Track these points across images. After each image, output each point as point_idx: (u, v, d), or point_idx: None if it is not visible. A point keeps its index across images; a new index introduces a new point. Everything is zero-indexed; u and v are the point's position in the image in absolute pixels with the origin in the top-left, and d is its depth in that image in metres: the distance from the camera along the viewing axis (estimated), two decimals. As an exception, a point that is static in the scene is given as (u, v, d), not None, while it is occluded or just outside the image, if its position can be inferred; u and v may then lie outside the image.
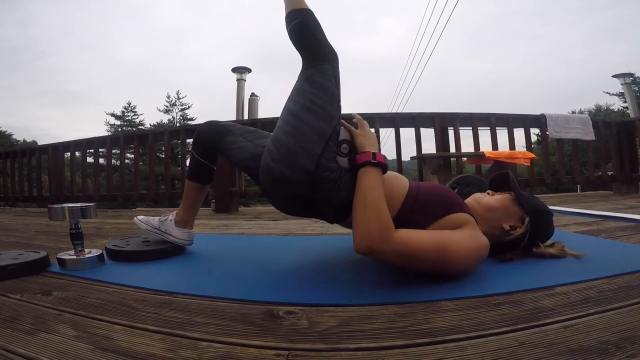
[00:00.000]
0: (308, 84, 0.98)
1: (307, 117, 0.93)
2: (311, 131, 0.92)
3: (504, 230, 1.03)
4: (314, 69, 0.99)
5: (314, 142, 0.91)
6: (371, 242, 0.79)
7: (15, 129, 47.15)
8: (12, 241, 1.74)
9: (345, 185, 0.92)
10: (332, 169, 0.91)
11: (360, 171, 0.90)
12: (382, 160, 0.91)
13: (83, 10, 59.11)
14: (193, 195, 1.27)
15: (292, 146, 0.91)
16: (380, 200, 0.84)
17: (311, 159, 0.90)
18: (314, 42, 1.02)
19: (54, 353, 0.57)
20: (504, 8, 75.56)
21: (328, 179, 0.91)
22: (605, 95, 33.45)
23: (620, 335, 0.57)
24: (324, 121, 0.93)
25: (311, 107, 0.94)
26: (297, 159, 0.90)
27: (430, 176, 2.70)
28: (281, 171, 0.91)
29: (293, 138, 0.92)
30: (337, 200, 0.93)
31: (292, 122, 0.94)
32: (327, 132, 0.93)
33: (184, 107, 28.29)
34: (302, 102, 0.96)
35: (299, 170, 0.90)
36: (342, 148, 0.94)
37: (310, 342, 0.59)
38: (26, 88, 51.90)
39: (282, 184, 0.93)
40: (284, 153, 0.92)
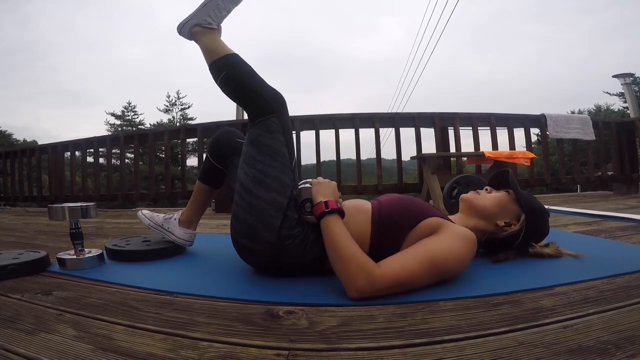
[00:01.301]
0: (255, 150, 0.94)
1: (259, 191, 0.91)
2: (265, 205, 0.90)
3: (498, 227, 1.03)
4: (259, 127, 0.95)
5: (272, 216, 0.89)
6: (361, 290, 0.76)
7: (15, 129, 47.22)
8: (12, 241, 1.74)
9: (312, 245, 0.91)
10: (294, 236, 0.90)
11: (321, 224, 0.87)
12: (335, 207, 0.87)
13: (83, 10, 59.11)
14: (201, 197, 1.28)
15: (250, 222, 0.91)
16: (350, 245, 0.81)
17: (271, 232, 0.89)
18: (249, 95, 0.96)
19: (54, 353, 0.57)
20: (505, 8, 75.52)
21: (292, 245, 0.90)
22: (605, 95, 33.48)
23: (620, 335, 0.57)
24: (278, 192, 0.91)
25: (262, 179, 0.91)
26: (258, 233, 0.90)
27: (430, 176, 2.70)
28: (245, 243, 0.93)
29: (250, 215, 0.91)
30: (308, 259, 0.92)
31: (246, 197, 0.92)
32: (283, 203, 0.91)
33: (184, 107, 28.33)
34: (253, 173, 0.93)
35: (262, 243, 0.90)
36: (306, 207, 0.92)
37: (310, 342, 0.59)
38: (26, 88, 51.96)
39: (249, 254, 0.95)
40: (244, 229, 0.92)
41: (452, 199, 1.59)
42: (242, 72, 0.98)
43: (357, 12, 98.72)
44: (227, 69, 0.98)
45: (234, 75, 0.98)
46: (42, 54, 54.77)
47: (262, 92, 0.96)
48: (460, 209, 1.10)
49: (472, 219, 1.05)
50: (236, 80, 0.98)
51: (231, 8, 1.06)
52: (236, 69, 0.98)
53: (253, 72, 0.98)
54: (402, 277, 0.78)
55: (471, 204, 1.07)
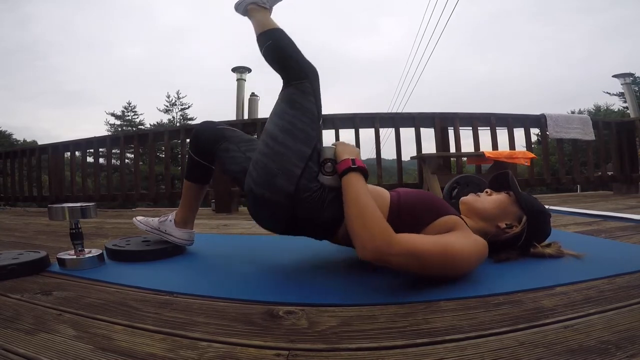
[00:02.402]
0: (287, 105, 0.99)
1: (286, 139, 0.94)
2: (290, 153, 0.93)
3: (500, 229, 1.03)
4: (294, 87, 1.00)
5: (293, 164, 0.92)
6: (378, 249, 0.76)
7: (15, 129, 47.22)
8: (12, 241, 1.74)
9: (329, 205, 0.92)
10: (312, 189, 0.92)
11: (343, 180, 0.88)
12: (361, 165, 0.90)
13: (83, 10, 59.16)
14: (191, 196, 1.27)
15: (271, 168, 0.92)
16: (373, 204, 0.82)
17: (291, 181, 0.90)
18: (289, 62, 1.03)
19: (54, 353, 0.57)
20: (505, 8, 75.61)
21: (309, 199, 0.91)
22: (605, 95, 33.47)
23: (620, 335, 0.57)
24: (303, 143, 0.94)
25: (290, 129, 0.95)
26: (276, 181, 0.91)
27: (430, 176, 2.70)
28: (262, 192, 0.93)
29: (272, 161, 0.93)
30: (322, 219, 0.93)
31: (271, 144, 0.95)
32: (307, 153, 0.94)
33: (184, 107, 28.34)
34: (281, 124, 0.96)
35: (279, 192, 0.91)
36: (327, 167, 0.94)
37: (310, 342, 0.59)
38: (26, 88, 51.99)
39: (264, 205, 0.95)
40: (263, 176, 0.92)
41: (452, 199, 1.60)
42: (285, 42, 1.05)
43: (357, 12, 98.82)
44: (272, 39, 1.05)
45: (278, 44, 1.05)
46: (42, 54, 54.85)
47: (300, 61, 1.03)
48: (462, 212, 1.10)
49: (473, 221, 1.05)
50: (279, 49, 1.05)
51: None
52: (281, 39, 1.05)
53: (294, 45, 1.06)
54: (418, 249, 0.79)
55: (472, 206, 1.06)
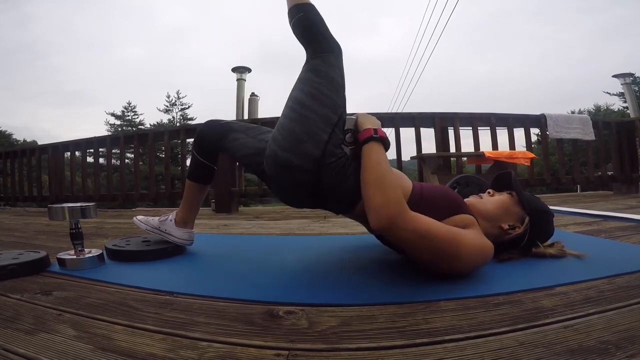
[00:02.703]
0: (313, 74, 0.99)
1: (313, 104, 0.94)
2: (317, 118, 0.93)
3: (503, 230, 1.03)
4: (319, 59, 1.01)
5: (320, 129, 0.92)
6: (391, 216, 0.78)
7: (15, 129, 47.15)
8: (12, 241, 1.74)
9: (352, 173, 0.92)
10: (338, 155, 0.92)
11: (364, 148, 0.90)
12: (383, 135, 0.91)
13: (83, 10, 59.11)
14: (193, 196, 1.27)
15: (298, 133, 0.92)
16: (391, 175, 0.84)
17: (318, 145, 0.90)
18: (317, 35, 1.04)
19: (54, 353, 0.57)
20: (504, 8, 75.63)
21: (335, 165, 0.91)
22: (605, 95, 33.50)
23: (620, 335, 0.57)
24: (330, 108, 0.95)
25: (317, 95, 0.96)
26: (303, 145, 0.90)
27: (430, 176, 2.70)
28: (287, 157, 0.91)
29: (299, 125, 0.93)
30: (345, 188, 0.93)
31: (297, 109, 0.95)
32: (333, 119, 0.94)
33: (184, 107, 28.36)
34: (308, 90, 0.97)
35: (306, 157, 0.90)
36: (348, 137, 0.95)
37: (310, 342, 0.59)
38: (26, 88, 51.95)
39: (288, 171, 0.93)
40: (290, 140, 0.92)
41: (452, 199, 1.59)
42: (315, 16, 1.06)
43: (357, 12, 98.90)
44: (304, 11, 1.06)
45: (308, 17, 1.05)
46: (42, 54, 54.78)
47: (327, 35, 1.05)
48: None
49: (478, 221, 1.04)
50: (309, 22, 1.05)
51: None
52: (311, 12, 1.06)
53: (323, 21, 1.06)
54: (430, 229, 0.81)
55: (474, 208, 1.06)
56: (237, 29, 77.22)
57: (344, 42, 1.10)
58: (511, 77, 63.75)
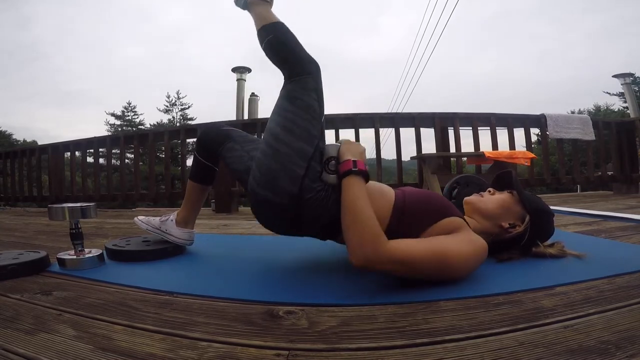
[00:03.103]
0: (288, 102, 0.97)
1: (287, 138, 0.92)
2: (292, 152, 0.91)
3: (503, 228, 1.03)
4: (295, 83, 0.98)
5: (296, 164, 0.90)
6: (366, 254, 0.76)
7: (15, 129, 47.22)
8: (12, 241, 1.74)
9: (333, 204, 0.90)
10: (316, 190, 0.91)
11: (343, 183, 0.87)
12: (362, 168, 0.87)
13: (83, 10, 59.14)
14: (194, 196, 1.28)
15: (274, 169, 0.90)
16: (367, 210, 0.81)
17: (294, 182, 0.89)
18: (291, 56, 1.01)
19: (54, 353, 0.57)
20: (505, 8, 75.63)
21: (313, 200, 0.90)
22: (605, 95, 33.47)
23: (620, 335, 0.57)
24: (305, 141, 0.92)
25: (291, 128, 0.93)
26: (279, 182, 0.89)
27: (430, 176, 2.70)
28: (265, 194, 0.91)
29: (275, 161, 0.91)
30: (326, 219, 0.92)
31: (273, 144, 0.93)
32: (309, 152, 0.92)
33: (184, 107, 28.33)
34: (283, 122, 0.95)
35: (283, 194, 0.89)
36: (330, 165, 0.92)
37: (310, 342, 0.59)
38: (26, 88, 52.00)
39: (267, 207, 0.93)
40: (267, 177, 0.91)
41: (452, 199, 1.59)
42: (287, 37, 1.04)
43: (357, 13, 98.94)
44: (273, 32, 1.04)
45: (279, 38, 1.03)
46: (42, 54, 54.83)
47: (301, 55, 1.02)
48: (465, 212, 1.10)
49: (477, 221, 1.05)
50: (280, 43, 1.03)
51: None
52: (282, 33, 1.04)
53: (296, 40, 1.04)
54: (408, 256, 0.79)
55: (475, 206, 1.06)
56: (237, 29, 77.14)
57: (344, 42, 1.09)
58: (511, 77, 63.81)
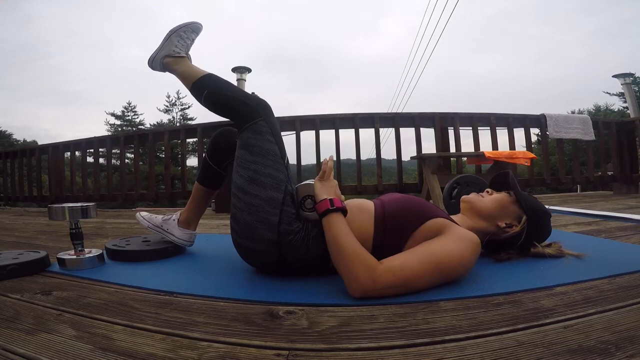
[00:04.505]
0: (247, 152, 0.96)
1: (254, 189, 0.93)
2: (262, 203, 0.91)
3: (500, 228, 1.03)
4: (248, 131, 0.98)
5: (269, 213, 0.91)
6: (363, 287, 0.76)
7: (15, 129, 47.25)
8: (12, 241, 1.74)
9: (314, 242, 0.91)
10: (295, 231, 0.91)
11: (324, 221, 0.86)
12: (339, 205, 0.87)
13: (83, 10, 59.12)
14: (200, 198, 1.28)
15: (249, 222, 0.92)
16: (352, 243, 0.81)
17: (271, 229, 0.90)
18: (233, 106, 1.00)
19: (54, 353, 0.57)
20: (505, 9, 75.70)
21: (294, 241, 0.91)
22: (605, 95, 33.54)
23: (620, 335, 0.57)
24: (272, 188, 0.93)
25: (255, 178, 0.93)
26: (257, 232, 0.91)
27: (430, 176, 2.69)
28: (247, 245, 0.94)
29: (248, 214, 0.92)
30: (310, 257, 0.93)
31: (242, 198, 0.94)
32: (279, 198, 0.92)
33: (184, 107, 28.34)
34: (246, 174, 0.95)
35: (263, 241, 0.91)
36: (307, 204, 0.93)
37: (310, 342, 0.59)
38: (26, 88, 52.03)
39: (252, 255, 0.96)
40: (245, 229, 0.93)
41: (452, 199, 1.60)
42: (222, 87, 1.03)
43: (357, 13, 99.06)
44: (207, 87, 1.03)
45: (215, 92, 1.02)
46: (42, 54, 54.85)
47: (245, 100, 1.00)
48: (462, 210, 1.10)
49: (473, 220, 1.05)
50: (218, 95, 1.02)
51: (194, 37, 1.14)
52: (215, 85, 1.03)
53: (231, 85, 1.03)
54: (405, 276, 0.78)
55: (473, 205, 1.07)
56: (238, 30, 77.18)
57: (344, 42, 1.09)
58: (511, 77, 63.82)
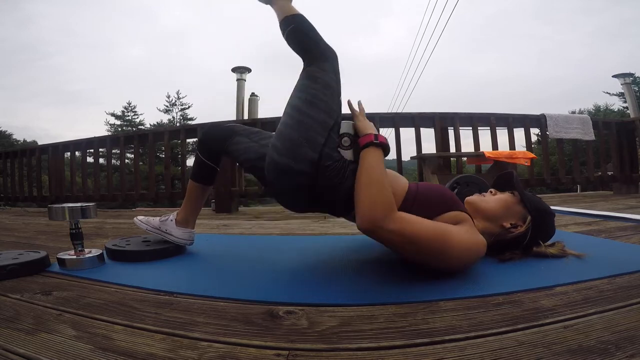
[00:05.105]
0: (310, 81, 1.02)
1: (309, 109, 0.97)
2: (313, 123, 0.96)
3: (504, 229, 1.03)
4: (315, 66, 1.04)
5: (317, 133, 0.95)
6: (375, 219, 0.79)
7: (15, 129, 47.27)
8: (12, 241, 1.74)
9: (350, 175, 0.94)
10: (335, 159, 0.95)
11: (362, 153, 0.93)
12: (383, 141, 0.94)
13: (83, 10, 59.17)
14: (195, 196, 1.28)
15: (295, 138, 0.95)
16: (383, 179, 0.86)
17: (315, 149, 0.93)
18: (311, 44, 1.07)
19: (54, 353, 0.57)
20: (505, 9, 75.76)
21: (332, 167, 0.94)
22: (605, 95, 33.50)
23: (620, 335, 0.57)
24: (326, 113, 0.98)
25: (313, 101, 0.99)
26: (301, 150, 0.93)
27: (430, 176, 2.70)
28: (286, 162, 0.95)
29: (296, 131, 0.95)
30: (343, 190, 0.95)
31: (295, 115, 0.98)
32: (329, 123, 0.97)
33: (184, 107, 28.34)
34: (304, 96, 1.00)
35: (304, 160, 0.93)
36: (344, 141, 0.98)
37: (310, 342, 0.59)
38: (26, 88, 52.02)
39: (287, 176, 0.96)
40: (288, 146, 0.95)
41: (452, 199, 1.59)
42: (307, 26, 1.09)
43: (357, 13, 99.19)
44: (294, 23, 1.09)
45: (300, 28, 1.09)
46: (42, 54, 54.81)
47: (321, 44, 1.07)
48: None
49: (478, 221, 1.05)
50: (301, 32, 1.09)
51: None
52: (302, 23, 1.09)
53: (315, 30, 1.09)
54: (414, 231, 0.81)
55: (477, 206, 1.07)
56: (238, 30, 77.25)
57: (344, 42, 1.10)
58: (511, 77, 63.85)
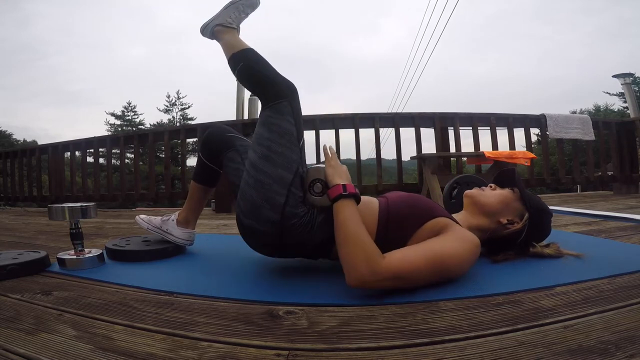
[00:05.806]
0: (264, 129, 0.97)
1: (265, 166, 0.93)
2: (271, 181, 0.91)
3: (501, 225, 1.03)
4: (270, 109, 0.98)
5: (276, 193, 0.91)
6: (362, 275, 0.76)
7: (15, 129, 47.28)
8: (12, 241, 1.74)
9: (319, 227, 0.91)
10: (299, 215, 0.91)
11: (335, 206, 0.87)
12: (353, 191, 0.88)
13: (83, 10, 59.16)
14: (197, 197, 1.28)
15: (255, 199, 0.91)
16: (359, 231, 0.81)
17: (276, 210, 0.90)
18: (264, 81, 1.02)
19: (54, 353, 0.57)
20: (505, 9, 75.75)
21: (297, 225, 0.90)
22: (605, 95, 33.50)
23: (620, 335, 0.57)
24: (283, 168, 0.93)
25: (269, 155, 0.94)
26: (262, 212, 0.91)
27: (430, 176, 2.69)
28: (250, 223, 0.93)
29: (255, 191, 0.92)
30: (314, 243, 0.93)
31: (253, 174, 0.94)
32: (288, 178, 0.92)
33: (184, 107, 28.36)
34: (260, 150, 0.95)
35: (267, 222, 0.91)
36: (316, 187, 0.92)
37: (310, 342, 0.59)
38: (26, 88, 52.04)
39: (254, 235, 0.95)
40: (250, 206, 0.92)
41: (452, 199, 1.59)
42: (258, 63, 1.05)
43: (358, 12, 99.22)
44: (244, 60, 1.05)
45: (250, 66, 1.04)
46: (42, 54, 54.85)
47: (275, 80, 1.02)
48: (465, 205, 1.10)
49: (475, 215, 1.05)
50: (252, 70, 1.04)
51: (249, 12, 1.18)
52: (252, 60, 1.05)
53: (267, 63, 1.05)
54: (405, 270, 0.78)
55: (476, 200, 1.07)
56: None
57: (344, 42, 1.09)
58: (511, 77, 63.86)
